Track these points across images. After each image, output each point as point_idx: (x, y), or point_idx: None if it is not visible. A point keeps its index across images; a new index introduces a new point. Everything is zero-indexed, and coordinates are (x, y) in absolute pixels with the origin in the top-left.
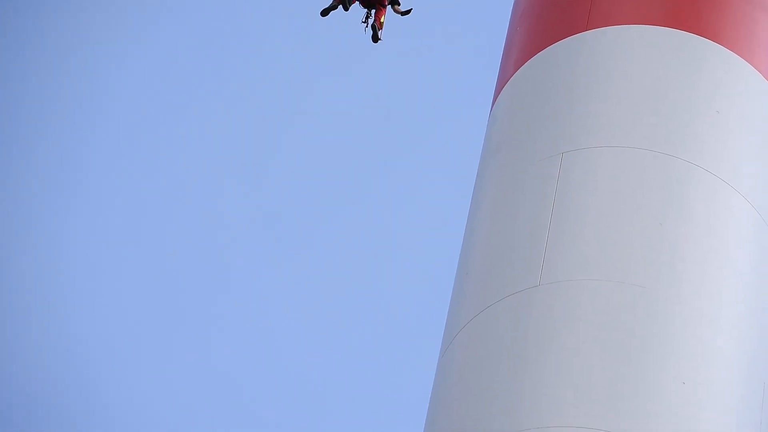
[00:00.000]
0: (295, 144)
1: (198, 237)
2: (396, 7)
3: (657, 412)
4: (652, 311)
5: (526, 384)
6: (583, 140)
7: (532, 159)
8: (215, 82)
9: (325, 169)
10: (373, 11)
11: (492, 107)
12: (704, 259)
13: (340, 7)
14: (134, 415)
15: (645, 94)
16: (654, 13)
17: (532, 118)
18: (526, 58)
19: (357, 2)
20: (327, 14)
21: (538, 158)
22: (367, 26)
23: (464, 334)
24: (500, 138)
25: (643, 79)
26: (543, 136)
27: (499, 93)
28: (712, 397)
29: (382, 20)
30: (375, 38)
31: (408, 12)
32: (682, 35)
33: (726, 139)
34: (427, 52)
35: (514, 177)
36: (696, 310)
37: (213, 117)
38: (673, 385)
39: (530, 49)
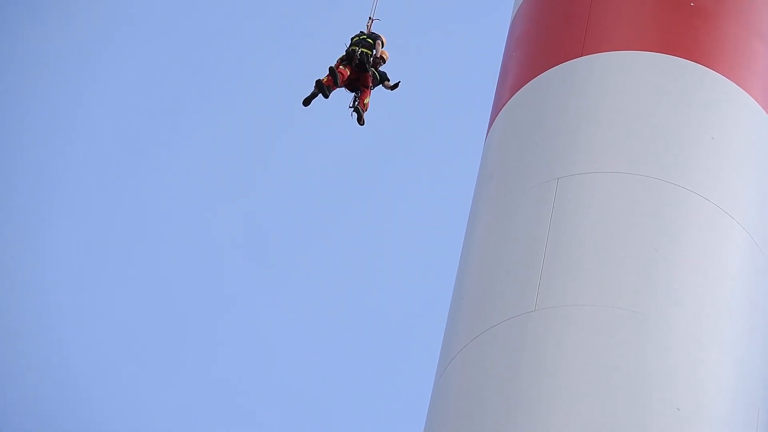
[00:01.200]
0: (291, 147)
1: (192, 239)
2: (386, 83)
3: None
4: (647, 337)
5: (520, 409)
6: (578, 166)
7: (528, 184)
8: (208, 85)
9: (322, 174)
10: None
11: (487, 132)
12: (699, 285)
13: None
14: (125, 424)
15: (640, 119)
16: (649, 38)
17: (528, 143)
18: (522, 83)
19: (343, 87)
20: (309, 103)
21: (533, 183)
22: (352, 110)
23: (459, 360)
24: (496, 163)
25: (638, 105)
26: (538, 161)
27: (494, 118)
28: (706, 423)
29: (366, 101)
30: (360, 120)
31: (397, 85)
32: (678, 61)
33: (721, 166)
34: (429, 53)
35: (510, 202)
36: (691, 336)
37: (206, 120)
38: (667, 412)
39: (525, 75)
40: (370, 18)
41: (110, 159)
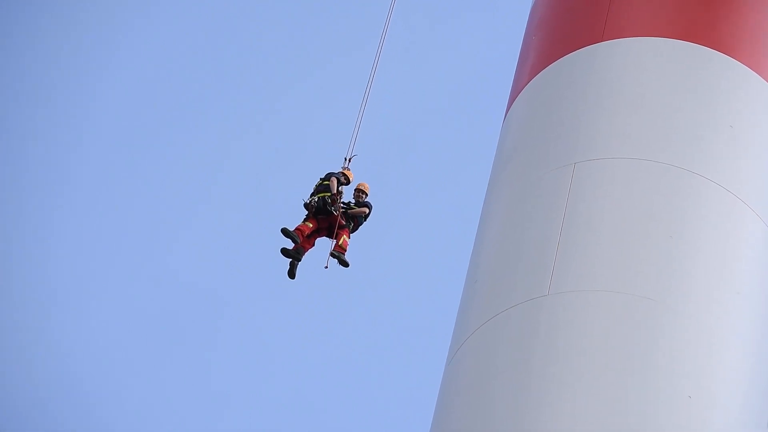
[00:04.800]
0: (294, 148)
1: (192, 241)
2: (356, 207)
3: (662, 426)
4: (659, 324)
5: (531, 394)
6: (595, 151)
7: (545, 168)
8: (210, 82)
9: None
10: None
11: (506, 115)
12: (713, 273)
13: (302, 253)
14: (126, 423)
15: (658, 106)
16: (669, 26)
17: (546, 127)
18: (541, 67)
19: (322, 237)
20: (294, 275)
21: (550, 167)
22: (327, 262)
23: (471, 342)
24: (513, 146)
25: (657, 92)
26: (556, 145)
27: (513, 101)
28: (718, 412)
29: (340, 243)
30: (344, 263)
31: (366, 207)
32: (697, 49)
33: (739, 154)
34: (432, 56)
35: (526, 185)
36: (704, 324)
37: (209, 119)
38: (679, 400)
39: (545, 59)
40: (345, 158)
41: (112, 162)
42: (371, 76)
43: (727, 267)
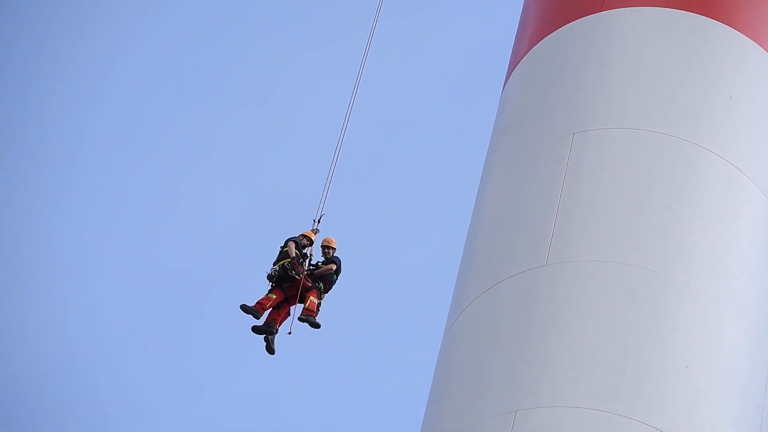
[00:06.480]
0: (289, 140)
1: (190, 235)
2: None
3: (660, 395)
4: (658, 294)
5: (529, 363)
6: (594, 121)
7: (544, 138)
8: (197, 70)
9: (313, 172)
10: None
11: (504, 85)
12: (712, 244)
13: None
14: (126, 411)
15: (658, 76)
16: None
17: (545, 97)
18: (541, 36)
19: (296, 304)
20: (272, 350)
21: (549, 138)
22: (291, 327)
23: (469, 312)
24: (512, 116)
25: (656, 62)
26: (555, 115)
27: (512, 71)
28: (715, 381)
29: (307, 306)
30: (314, 325)
31: (333, 263)
32: (697, 18)
33: (738, 125)
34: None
35: (525, 156)
36: (702, 294)
37: (197, 108)
38: (677, 369)
39: (545, 28)
40: (314, 220)
41: (105, 153)
42: (361, 68)
43: (725, 237)
